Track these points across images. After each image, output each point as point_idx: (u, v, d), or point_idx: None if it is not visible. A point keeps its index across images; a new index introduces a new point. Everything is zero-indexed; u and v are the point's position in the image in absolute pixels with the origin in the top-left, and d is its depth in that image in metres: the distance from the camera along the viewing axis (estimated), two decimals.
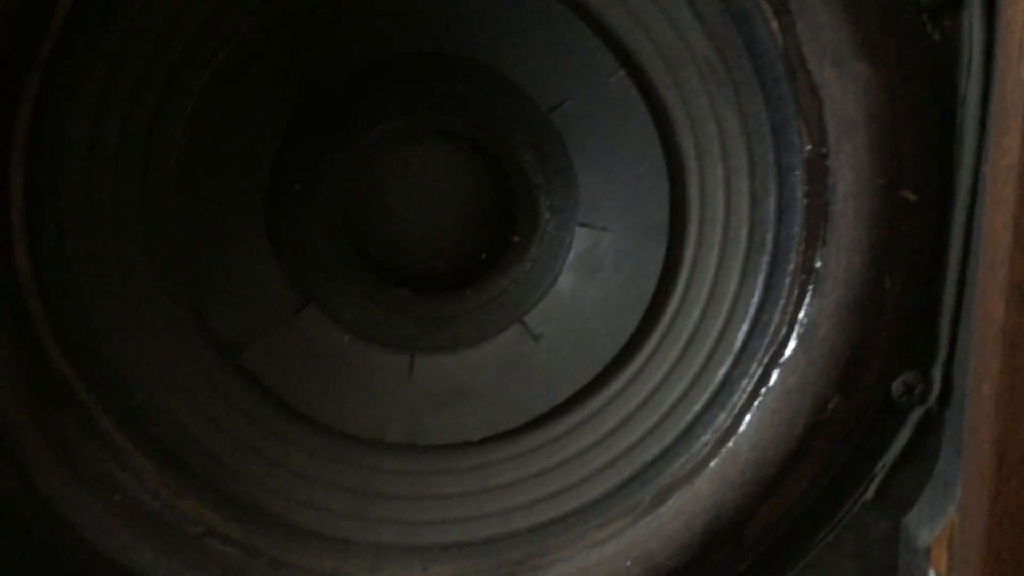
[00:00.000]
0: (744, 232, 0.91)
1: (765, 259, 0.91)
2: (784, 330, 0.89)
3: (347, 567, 0.93)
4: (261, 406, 0.94)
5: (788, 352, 0.88)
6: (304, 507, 0.94)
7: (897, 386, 0.91)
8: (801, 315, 0.88)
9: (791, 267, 0.89)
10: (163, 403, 0.91)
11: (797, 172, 0.88)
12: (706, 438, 0.93)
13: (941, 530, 0.91)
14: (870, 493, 0.93)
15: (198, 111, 0.89)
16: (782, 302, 0.90)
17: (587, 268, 0.97)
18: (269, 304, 0.94)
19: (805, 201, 0.87)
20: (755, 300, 0.92)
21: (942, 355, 0.90)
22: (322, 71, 0.93)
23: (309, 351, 0.96)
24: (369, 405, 0.96)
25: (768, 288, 0.91)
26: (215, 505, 0.91)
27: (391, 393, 0.97)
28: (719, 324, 0.93)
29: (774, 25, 0.85)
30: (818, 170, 0.86)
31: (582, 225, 0.97)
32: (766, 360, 0.91)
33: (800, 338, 0.88)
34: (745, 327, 0.92)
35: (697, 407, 0.94)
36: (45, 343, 0.85)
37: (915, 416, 0.92)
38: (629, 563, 0.92)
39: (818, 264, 0.87)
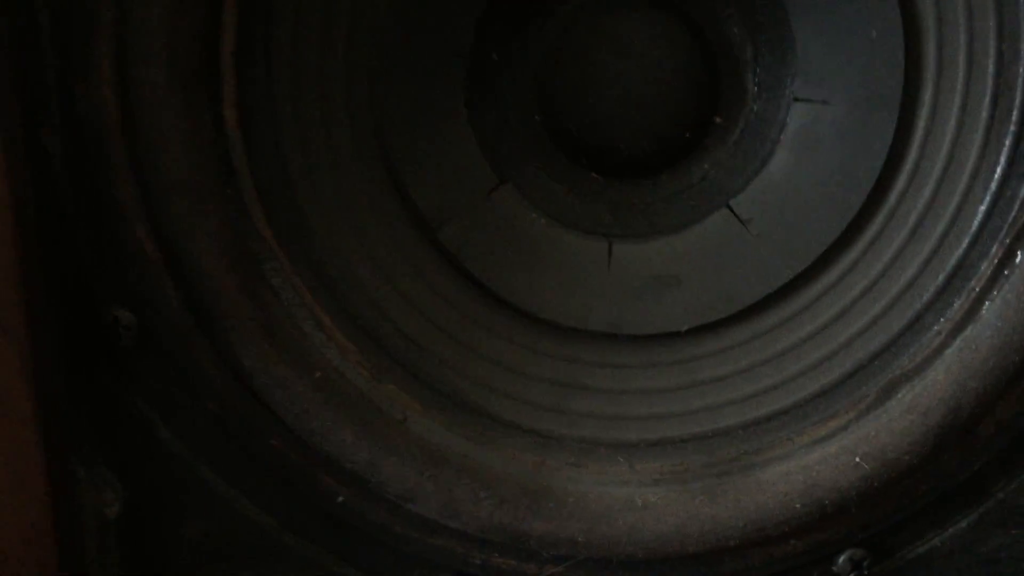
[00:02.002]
0: (987, 100, 0.85)
1: (1010, 129, 0.85)
2: None
3: (549, 461, 0.89)
4: (459, 289, 0.90)
5: None
6: (503, 398, 0.90)
7: None
8: None
9: None
10: (363, 280, 0.86)
11: None
12: (939, 327, 0.88)
13: None
14: None
15: None
16: None
17: (803, 146, 0.91)
18: (467, 180, 0.90)
19: None
20: (997, 175, 0.86)
21: None
22: None
23: (506, 233, 0.91)
24: (568, 292, 0.92)
25: (1012, 161, 0.85)
26: (414, 391, 0.87)
27: (590, 280, 0.93)
28: (954, 202, 0.87)
29: None
30: None
31: (799, 100, 0.91)
32: (1009, 240, 0.85)
33: None
34: (985, 205, 0.86)
35: (928, 294, 0.88)
36: (251, 207, 0.80)
37: None
38: (857, 459, 0.87)
39: None
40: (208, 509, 0.85)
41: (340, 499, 0.85)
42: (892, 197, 0.89)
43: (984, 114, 0.86)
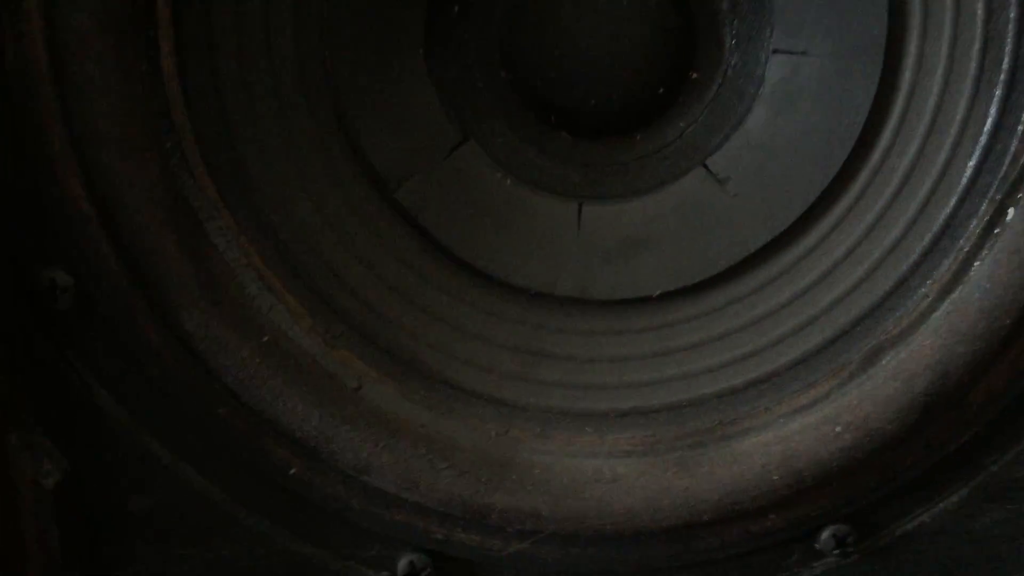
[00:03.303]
0: (976, 48, 0.82)
1: (1001, 78, 0.81)
2: None
3: (513, 431, 0.86)
4: (418, 251, 0.87)
5: None
6: (465, 365, 0.87)
7: None
8: None
9: None
10: (314, 240, 0.84)
11: None
12: (925, 289, 0.84)
13: None
14: None
15: None
16: (1021, 128, 0.81)
17: (782, 101, 0.88)
18: (426, 136, 0.87)
19: None
20: (987, 127, 0.82)
21: None
22: None
23: (469, 192, 0.88)
24: (535, 255, 0.89)
25: (1004, 112, 0.81)
26: (369, 357, 0.84)
27: (559, 243, 0.89)
28: (941, 158, 0.84)
29: None
30: None
31: (777, 52, 0.88)
32: (1000, 196, 0.82)
33: None
34: (974, 160, 0.83)
35: (914, 255, 0.85)
36: (191, 162, 0.77)
37: None
38: (839, 429, 0.84)
39: None
40: (153, 481, 0.83)
41: (292, 471, 0.83)
42: (876, 154, 0.86)
43: (973, 63, 0.83)
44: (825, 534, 0.88)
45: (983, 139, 0.82)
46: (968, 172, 0.83)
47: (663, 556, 0.88)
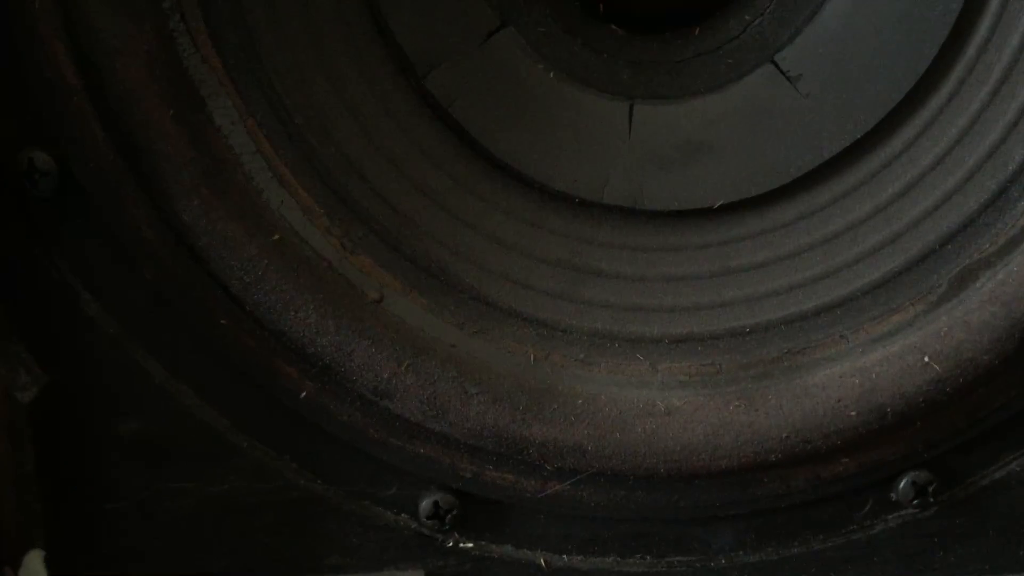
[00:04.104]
0: None
1: None
2: None
3: (555, 356, 0.79)
4: (449, 148, 0.80)
5: None
6: (501, 279, 0.80)
7: None
8: None
9: None
10: (332, 128, 0.76)
11: None
12: None
13: None
14: None
15: None
16: None
17: None
18: (460, 18, 0.79)
19: None
20: None
21: None
22: None
23: (507, 85, 0.81)
24: (581, 158, 0.82)
25: None
26: (392, 265, 0.77)
27: (607, 146, 0.83)
28: None
29: None
30: None
31: None
32: None
33: None
34: None
35: (1014, 163, 0.78)
36: (193, 27, 0.69)
37: None
38: (926, 359, 0.76)
39: None
40: (144, 402, 0.76)
41: (303, 394, 0.76)
42: (971, 47, 0.80)
43: None
44: (903, 482, 0.81)
45: None
46: None
47: (718, 502, 0.81)
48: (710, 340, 0.81)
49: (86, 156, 0.69)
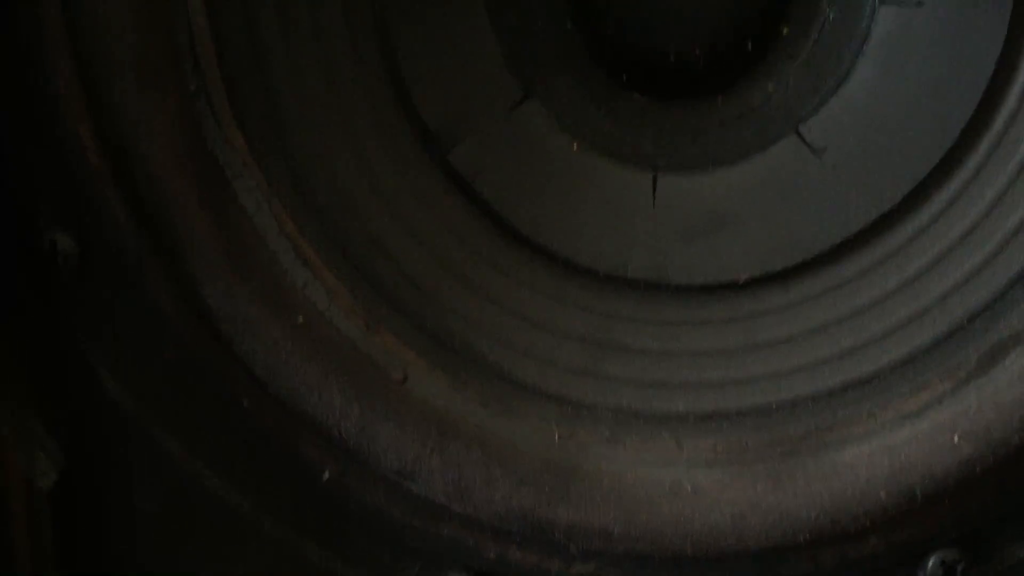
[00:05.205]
0: None
1: None
2: None
3: (580, 434, 0.80)
4: (473, 222, 0.82)
5: None
6: (525, 356, 0.82)
7: None
8: None
9: None
10: (356, 206, 0.78)
11: None
12: None
13: None
14: None
15: None
16: None
17: (891, 59, 0.83)
18: (485, 91, 0.82)
19: None
20: None
21: None
22: None
23: (531, 157, 0.83)
24: (605, 232, 0.84)
25: None
26: (416, 344, 0.78)
27: (631, 218, 0.84)
28: None
29: None
30: None
31: (885, 3, 0.82)
32: None
33: None
34: None
35: None
36: (218, 107, 0.71)
37: None
38: (957, 439, 0.77)
39: None
40: (164, 482, 0.77)
41: (325, 475, 0.77)
42: (999, 120, 0.82)
43: None
44: (932, 560, 0.82)
45: None
46: None
47: None
48: (736, 416, 0.82)
49: (108, 239, 0.71)
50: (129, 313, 0.73)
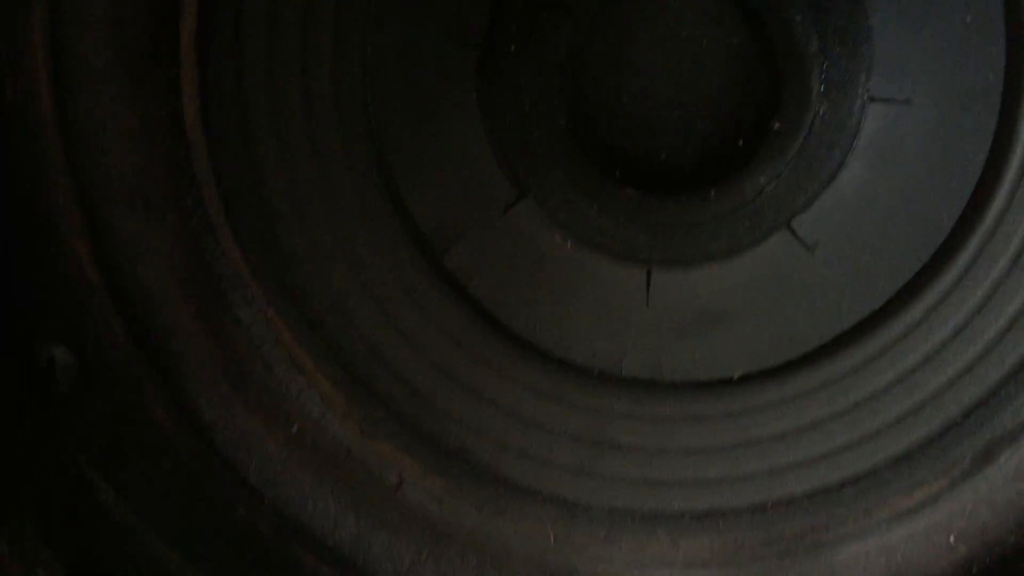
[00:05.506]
0: None
1: None
2: None
3: (575, 536, 0.80)
4: (467, 325, 0.83)
5: None
6: (520, 457, 0.82)
7: None
8: None
9: None
10: (351, 313, 0.79)
11: None
12: None
13: None
14: None
15: None
16: None
17: (881, 155, 0.84)
18: (478, 193, 0.83)
19: None
20: None
21: None
22: None
23: (525, 258, 0.84)
24: (599, 330, 0.85)
25: None
26: (412, 450, 0.78)
27: (625, 315, 0.85)
28: None
29: None
30: None
31: (875, 100, 0.84)
32: None
33: None
34: None
35: None
36: (215, 223, 0.72)
37: None
38: (952, 539, 0.78)
39: None
40: None
41: None
42: (989, 216, 0.82)
43: None
44: None
45: None
46: None
47: None
48: (732, 515, 0.82)
49: (105, 352, 0.71)
50: (127, 425, 0.73)
